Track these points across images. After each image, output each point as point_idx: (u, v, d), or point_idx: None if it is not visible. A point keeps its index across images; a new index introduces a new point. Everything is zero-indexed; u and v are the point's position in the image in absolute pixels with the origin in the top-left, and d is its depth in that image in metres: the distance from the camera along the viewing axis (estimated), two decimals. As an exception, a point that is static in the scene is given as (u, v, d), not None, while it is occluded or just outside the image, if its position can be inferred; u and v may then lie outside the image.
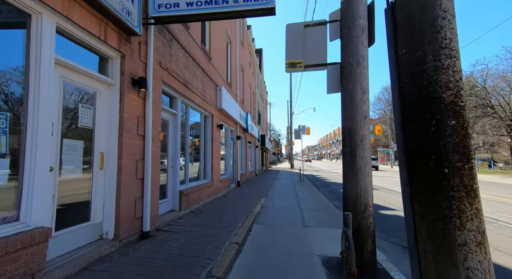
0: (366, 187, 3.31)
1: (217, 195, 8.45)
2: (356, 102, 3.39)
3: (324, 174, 24.84)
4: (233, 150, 11.94)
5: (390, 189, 12.94)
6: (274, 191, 11.18)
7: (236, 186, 11.88)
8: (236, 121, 11.82)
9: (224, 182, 9.59)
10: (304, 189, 12.28)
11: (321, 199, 9.46)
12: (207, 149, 8.04)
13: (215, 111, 8.48)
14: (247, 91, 16.49)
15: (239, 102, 12.82)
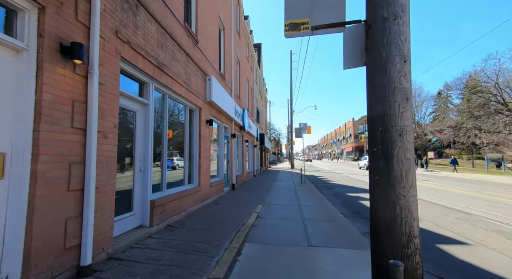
0: (409, 206, 2.14)
1: (205, 202, 7.28)
2: (391, 76, 2.22)
3: (326, 174, 23.68)
4: (228, 149, 10.77)
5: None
6: (273, 195, 10.01)
7: (230, 190, 10.71)
8: (231, 118, 10.65)
9: (216, 185, 8.42)
10: (306, 192, 11.11)
11: (325, 205, 8.29)
12: (194, 148, 6.87)
13: (204, 105, 7.31)
14: (244, 86, 15.32)
15: (234, 97, 11.65)
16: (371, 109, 2.36)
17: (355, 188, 13.60)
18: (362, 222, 6.57)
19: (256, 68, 21.85)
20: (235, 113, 11.02)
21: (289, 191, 11.41)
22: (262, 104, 28.34)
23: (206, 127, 7.40)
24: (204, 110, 7.31)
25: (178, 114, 6.17)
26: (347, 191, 12.26)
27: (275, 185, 13.44)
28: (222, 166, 9.66)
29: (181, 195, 5.64)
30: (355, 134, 68.98)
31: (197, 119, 6.99)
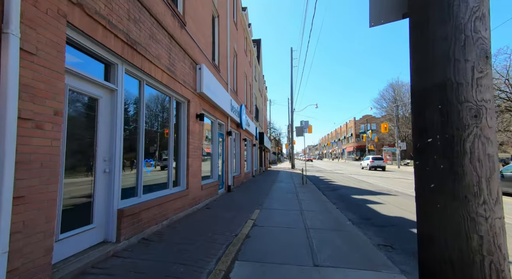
0: (494, 236, 1.27)
1: (195, 207, 6.42)
2: (460, 21, 1.35)
3: (327, 174, 22.82)
4: (223, 148, 9.91)
5: (410, 195, 10.88)
6: (272, 198, 9.14)
7: (226, 192, 9.84)
8: (226, 114, 9.78)
9: (208, 188, 7.55)
10: (307, 194, 10.25)
11: (330, 210, 7.43)
12: (181, 145, 6.01)
13: (194, 97, 6.44)
14: (242, 81, 14.45)
15: (230, 92, 10.78)
16: (419, 79, 1.49)
17: (360, 189, 12.73)
18: (374, 231, 5.71)
19: (255, 64, 20.99)
20: (231, 109, 10.16)
21: (290, 193, 10.55)
22: (262, 103, 27.49)
23: (196, 123, 6.54)
24: (194, 103, 6.45)
25: (161, 106, 5.30)
26: (352, 193, 11.40)
27: (275, 187, 12.57)
28: (217, 166, 8.80)
29: (163, 201, 4.78)
30: (356, 133, 68.08)
31: (185, 113, 6.12)
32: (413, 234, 5.48)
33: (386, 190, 12.39)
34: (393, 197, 10.28)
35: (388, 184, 14.80)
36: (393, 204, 8.70)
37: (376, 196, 10.44)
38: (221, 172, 9.71)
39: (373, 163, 28.79)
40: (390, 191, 12.04)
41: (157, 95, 5.08)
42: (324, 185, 14.90)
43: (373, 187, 13.69)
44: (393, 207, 8.20)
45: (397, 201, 9.32)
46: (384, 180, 17.32)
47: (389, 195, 10.69)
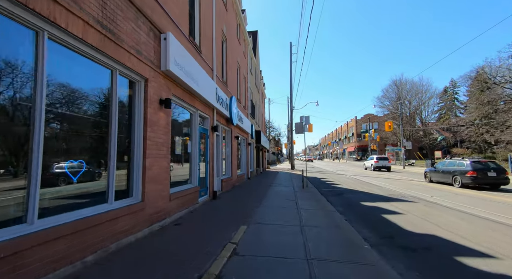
0: None
1: (157, 224, 4.75)
2: None
3: (329, 176, 21.14)
4: (207, 147, 8.23)
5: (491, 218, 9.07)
6: (266, 206, 7.47)
7: (210, 199, 8.16)
8: (211, 105, 8.12)
9: (181, 197, 5.89)
10: (309, 201, 8.57)
11: (338, 223, 5.76)
12: (135, 141, 4.34)
13: (156, 76, 4.78)
14: (234, 70, 12.77)
15: (217, 80, 9.11)
16: None
17: (369, 194, 11.06)
18: (404, 259, 4.03)
19: (250, 56, 19.33)
20: (217, 99, 8.49)
21: (288, 199, 8.87)
22: (259, 100, 25.82)
23: (159, 111, 4.87)
24: (156, 85, 4.77)
25: (93, 81, 3.61)
26: (361, 199, 9.73)
27: (271, 191, 10.90)
28: (197, 168, 7.12)
29: (88, 224, 3.11)
30: (358, 133, 66.35)
31: (141, 96, 4.45)
32: (464, 266, 3.80)
33: (399, 194, 10.72)
34: (412, 204, 8.59)
35: (399, 187, 13.12)
36: (415, 214, 7.02)
37: (391, 203, 8.77)
38: (205, 175, 8.04)
39: (378, 163, 27.12)
40: (404, 195, 10.37)
41: (82, 63, 3.39)
42: (327, 188, 13.23)
43: (383, 190, 12.01)
44: (416, 219, 6.52)
45: (418, 210, 7.64)
46: (393, 182, 15.63)
47: (405, 202, 9.02)
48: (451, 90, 59.71)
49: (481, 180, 11.97)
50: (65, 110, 3.15)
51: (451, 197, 9.95)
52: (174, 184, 5.90)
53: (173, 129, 6.02)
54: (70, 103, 3.23)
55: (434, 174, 15.07)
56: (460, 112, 57.48)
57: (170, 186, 5.47)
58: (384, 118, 49.44)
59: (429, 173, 15.79)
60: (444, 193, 11.00)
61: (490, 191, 11.74)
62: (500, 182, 12.10)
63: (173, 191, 5.58)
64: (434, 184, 14.33)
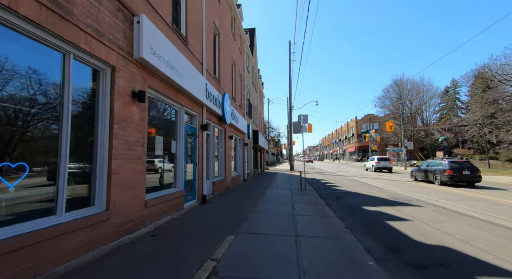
0: None
1: (128, 237, 4.09)
2: None
3: (329, 177, 20.47)
4: (195, 147, 7.57)
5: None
6: (259, 212, 6.80)
7: (198, 204, 7.51)
8: (200, 102, 7.48)
9: (162, 203, 5.23)
10: (307, 205, 7.91)
11: (339, 233, 5.09)
12: (99, 139, 3.68)
13: (126, 64, 4.13)
14: (228, 67, 12.12)
15: (207, 75, 8.47)
16: None
17: (371, 197, 10.40)
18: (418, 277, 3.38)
19: (247, 53, 18.69)
20: (206, 95, 7.84)
21: (284, 203, 8.21)
22: (257, 99, 25.18)
23: (130, 105, 4.22)
24: (127, 74, 4.12)
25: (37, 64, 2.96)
26: (362, 202, 9.07)
27: (267, 194, 10.23)
28: (182, 171, 6.46)
29: (22, 243, 2.46)
30: (358, 133, 65.71)
31: (107, 86, 3.80)
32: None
33: (403, 197, 10.05)
34: (418, 209, 7.93)
35: (402, 189, 12.45)
36: (423, 221, 6.36)
37: (395, 207, 8.10)
38: (193, 178, 7.38)
39: (379, 164, 26.45)
40: (408, 199, 9.70)
41: (20, 42, 2.74)
42: (327, 190, 12.56)
43: (386, 193, 11.35)
44: (425, 227, 5.86)
45: (426, 215, 6.97)
46: (395, 184, 14.96)
47: (411, 206, 8.35)
48: (452, 90, 59.07)
49: (457, 178, 13.40)
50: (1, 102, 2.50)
51: (461, 201, 9.28)
52: (153, 189, 5.25)
53: (153, 127, 5.37)
54: (9, 94, 2.58)
55: (419, 173, 16.33)
56: (461, 112, 56.85)
57: (147, 191, 4.82)
58: (385, 118, 48.80)
59: (414, 172, 17.02)
60: (451, 195, 10.33)
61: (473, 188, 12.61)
62: (474, 179, 13.53)
63: (150, 196, 4.92)
64: (439, 186, 13.67)
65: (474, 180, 13.60)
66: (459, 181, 13.59)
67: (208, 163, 9.13)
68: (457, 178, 13.45)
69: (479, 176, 13.54)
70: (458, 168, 13.62)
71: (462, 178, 13.47)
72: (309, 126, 28.36)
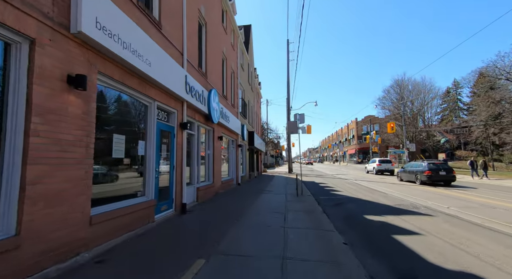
0: None
1: (59, 266, 3.09)
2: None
3: (329, 180, 19.46)
4: (172, 148, 6.59)
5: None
6: (244, 225, 5.79)
7: (177, 214, 6.51)
8: (180, 97, 6.52)
9: (119, 217, 4.24)
10: (301, 215, 6.90)
11: (337, 255, 4.07)
12: (8, 137, 2.71)
13: (55, 39, 3.15)
14: (217, 61, 11.14)
15: (189, 67, 7.51)
16: None
17: (374, 203, 9.40)
18: None
19: (242, 50, 17.75)
20: (187, 89, 6.87)
21: (276, 212, 7.21)
22: (254, 99, 24.23)
23: (65, 93, 3.24)
24: (56, 52, 3.14)
25: None
26: (364, 210, 8.07)
27: (258, 201, 9.23)
28: (153, 176, 5.47)
29: None
30: (359, 135, 64.73)
31: (21, 66, 2.82)
32: None
33: (410, 204, 9.06)
34: (428, 219, 6.93)
35: (407, 194, 11.45)
36: (438, 236, 5.36)
37: (402, 217, 7.11)
38: (169, 184, 6.40)
39: (380, 167, 25.45)
40: (416, 206, 8.70)
41: None
42: (325, 195, 11.56)
43: (390, 199, 10.35)
44: (442, 244, 4.85)
45: (438, 228, 5.97)
46: (399, 188, 13.95)
47: (419, 215, 7.35)
48: (453, 91, 58.15)
49: (435, 178, 14.68)
50: None
51: (474, 209, 8.27)
52: (107, 200, 4.26)
53: (111, 124, 4.40)
54: None
55: (404, 174, 17.58)
56: (463, 114, 55.83)
57: (97, 203, 3.84)
58: (385, 119, 47.81)
59: (400, 173, 18.27)
60: (462, 202, 9.32)
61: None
62: (450, 179, 14.87)
63: (101, 210, 3.93)
64: (447, 191, 12.67)
65: (450, 180, 14.90)
66: (436, 181, 14.78)
67: (191, 166, 8.15)
68: (435, 178, 14.68)
69: (453, 176, 14.88)
70: (435, 168, 14.92)
71: (438, 177, 14.71)
72: (308, 128, 27.41)
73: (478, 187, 14.41)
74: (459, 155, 49.83)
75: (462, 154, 48.75)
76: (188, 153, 7.91)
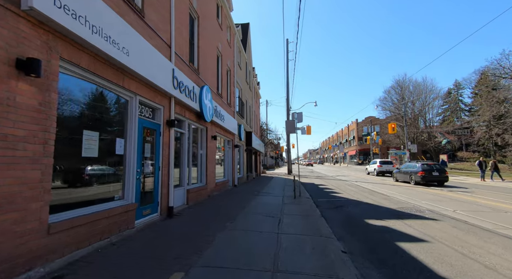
0: None
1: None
2: None
3: (328, 182, 18.94)
4: (157, 147, 6.10)
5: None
6: (235, 230, 5.29)
7: (162, 219, 6.01)
8: (166, 92, 6.05)
9: (87, 224, 3.75)
10: (297, 219, 6.39)
11: (335, 268, 3.55)
12: None
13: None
14: (211, 57, 10.66)
15: (177, 60, 7.04)
16: None
17: (376, 206, 8.90)
18: None
19: (239, 47, 17.29)
20: (174, 84, 6.39)
21: (270, 216, 6.71)
22: (252, 98, 23.76)
23: (11, 80, 2.75)
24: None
25: None
26: (366, 214, 7.57)
27: (253, 203, 8.74)
28: (133, 176, 4.99)
29: None
30: (359, 136, 64.20)
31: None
32: None
33: (413, 207, 8.55)
34: (434, 223, 6.43)
35: (409, 197, 10.94)
36: (447, 243, 4.85)
37: (406, 222, 6.61)
38: (153, 187, 5.90)
39: (381, 168, 24.94)
40: (420, 209, 8.20)
41: None
42: (324, 197, 11.05)
43: (392, 201, 9.84)
44: (451, 253, 4.35)
45: (447, 234, 5.46)
46: (401, 190, 13.43)
47: (425, 219, 6.84)
48: (455, 92, 57.62)
49: (428, 178, 14.99)
50: None
51: (485, 213, 7.76)
52: (75, 205, 3.77)
53: (82, 118, 3.93)
54: None
55: (399, 175, 17.90)
56: (465, 115, 55.23)
57: (63, 208, 3.36)
58: (386, 120, 47.28)
59: (395, 174, 18.61)
60: (471, 205, 8.81)
61: (444, 187, 12.38)
62: (442, 179, 15.16)
63: (64, 216, 3.44)
64: (451, 193, 12.15)
65: (443, 180, 15.18)
66: (429, 181, 15.06)
67: (181, 167, 7.67)
68: (428, 178, 14.97)
69: (446, 176, 15.22)
70: (428, 169, 15.26)
71: (431, 178, 15.01)
72: (308, 128, 26.94)
73: (481, 188, 13.99)
74: (461, 156, 49.19)
75: (464, 155, 48.13)
76: (177, 152, 7.42)
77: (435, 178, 15.10)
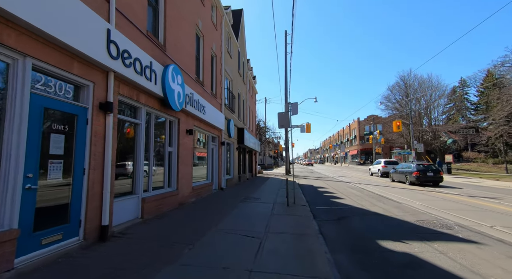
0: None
1: None
2: None
3: (329, 184, 17.02)
4: (82, 142, 4.22)
5: None
6: (189, 265, 3.41)
7: (89, 243, 4.13)
8: (93, 61, 4.19)
9: None
10: (287, 240, 4.47)
11: None
12: None
13: None
14: (187, 34, 8.68)
15: (119, 20, 5.16)
16: None
17: (387, 218, 7.03)
18: None
19: (229, 33, 15.40)
20: (111, 52, 4.50)
21: (249, 236, 4.81)
22: (246, 93, 21.87)
23: None
24: None
25: None
26: (377, 231, 5.68)
27: (234, 214, 6.87)
28: (17, 188, 3.14)
29: None
30: (361, 135, 62.23)
31: None
32: None
33: (436, 220, 6.68)
34: (475, 248, 4.54)
35: (426, 204, 9.05)
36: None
37: (434, 245, 4.73)
38: (69, 198, 4.04)
39: (386, 168, 23.00)
40: (446, 224, 6.31)
41: None
42: (323, 205, 9.16)
43: (407, 210, 7.96)
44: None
45: (502, 270, 3.59)
46: (413, 195, 11.52)
47: (460, 242, 4.95)
48: (460, 90, 55.59)
49: (422, 178, 15.03)
50: None
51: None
52: None
53: None
54: None
55: (395, 175, 17.97)
56: (470, 113, 53.17)
57: None
58: (390, 119, 45.26)
59: (392, 174, 18.65)
60: (504, 216, 6.91)
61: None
62: (437, 179, 15.19)
63: None
64: (473, 199, 10.25)
65: (438, 180, 15.20)
66: (424, 181, 15.09)
67: (136, 168, 5.81)
68: (423, 179, 15.01)
69: (441, 177, 15.26)
70: (423, 169, 15.31)
71: (426, 178, 15.03)
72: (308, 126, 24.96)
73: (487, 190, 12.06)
74: (467, 157, 47.19)
75: (470, 155, 46.13)
76: (126, 149, 5.56)
77: (430, 178, 15.05)
